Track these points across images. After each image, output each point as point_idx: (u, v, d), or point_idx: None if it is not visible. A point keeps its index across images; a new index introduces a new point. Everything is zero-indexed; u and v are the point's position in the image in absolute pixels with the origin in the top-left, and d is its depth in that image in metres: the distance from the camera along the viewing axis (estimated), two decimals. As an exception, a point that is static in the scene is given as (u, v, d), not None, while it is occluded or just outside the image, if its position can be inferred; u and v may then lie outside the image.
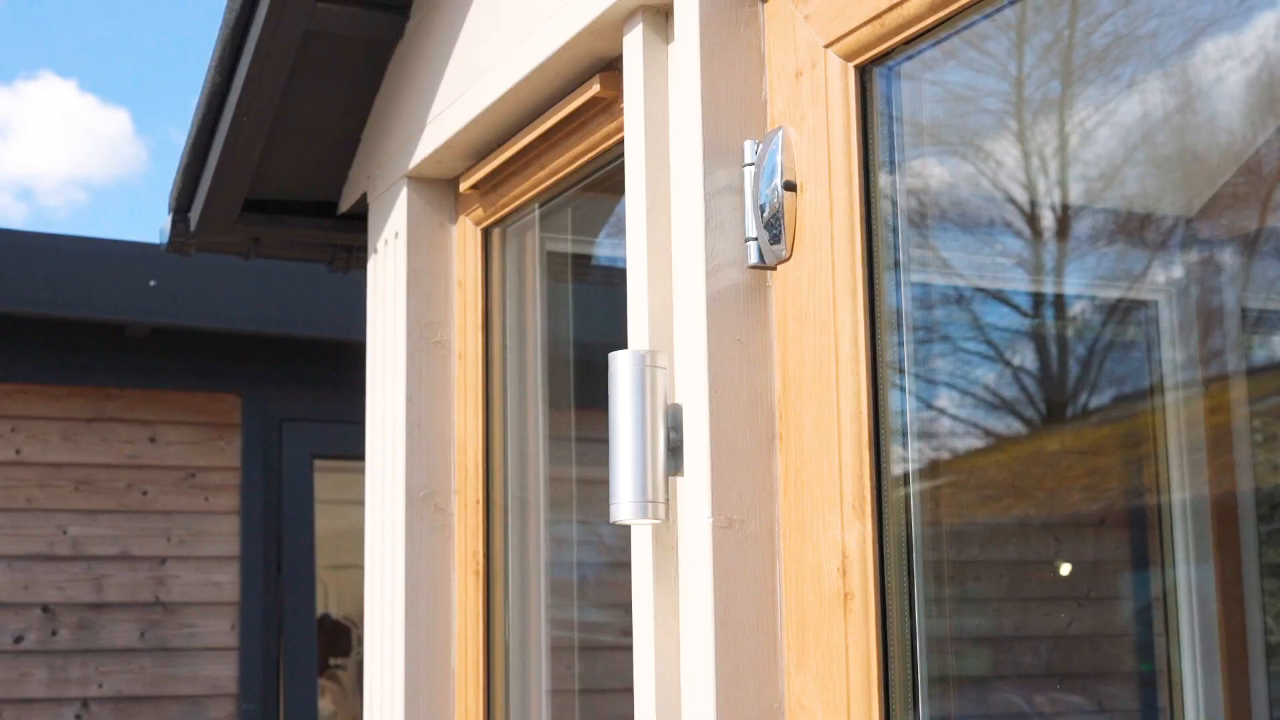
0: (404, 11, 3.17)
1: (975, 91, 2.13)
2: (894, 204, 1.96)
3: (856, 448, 1.88)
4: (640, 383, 2.09)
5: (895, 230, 1.95)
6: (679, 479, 2.08)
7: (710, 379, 2.02)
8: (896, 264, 1.95)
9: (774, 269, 2.04)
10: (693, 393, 2.04)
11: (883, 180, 1.95)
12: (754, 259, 2.05)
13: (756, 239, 2.05)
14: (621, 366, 2.11)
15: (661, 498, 2.08)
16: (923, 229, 2.09)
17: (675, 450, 2.08)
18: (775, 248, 2.02)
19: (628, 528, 2.19)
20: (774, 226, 2.01)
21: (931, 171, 2.12)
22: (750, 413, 2.03)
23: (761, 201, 2.03)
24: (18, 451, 6.73)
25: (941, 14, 1.82)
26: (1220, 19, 1.81)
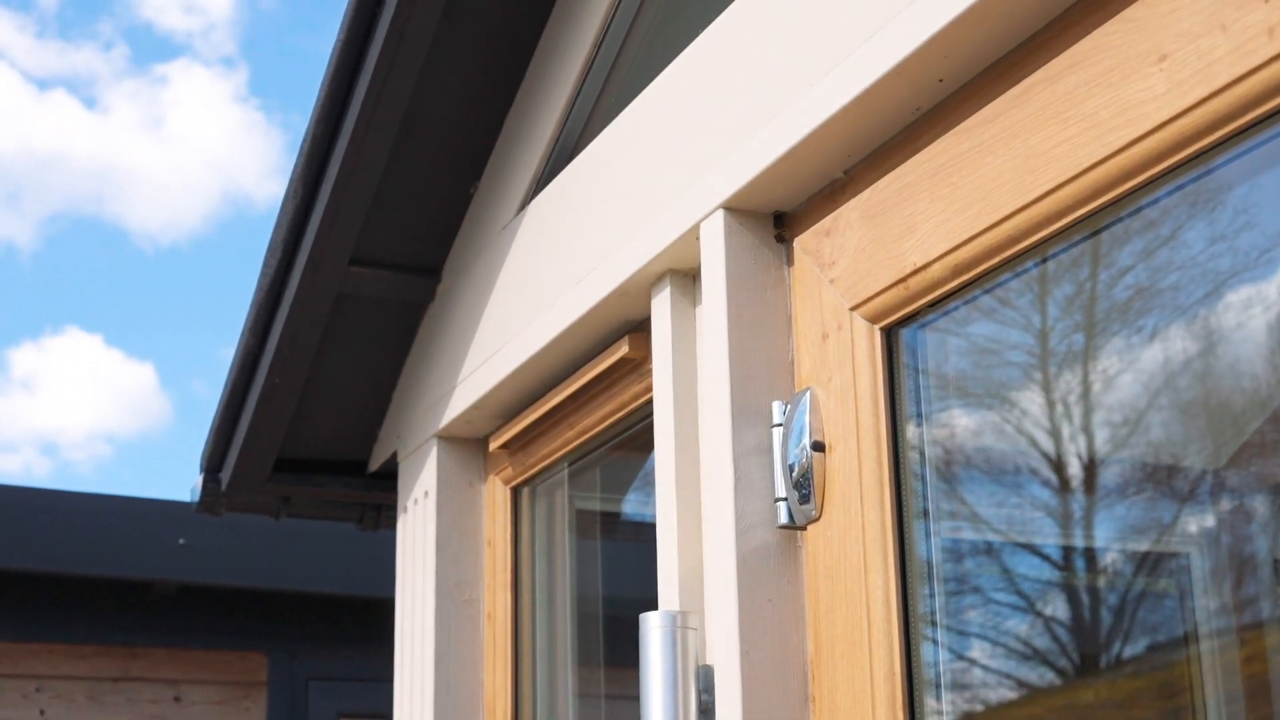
0: (435, 275, 3.23)
1: (999, 344, 2.15)
2: (922, 456, 1.97)
3: (890, 707, 1.86)
4: (671, 644, 2.09)
5: (924, 481, 1.96)
6: (712, 742, 2.06)
7: (742, 641, 2.01)
8: (926, 515, 1.95)
9: (804, 529, 2.05)
10: (724, 654, 2.03)
11: (910, 432, 1.97)
12: (784, 519, 2.05)
13: (786, 499, 2.05)
14: (652, 627, 2.10)
15: (694, 761, 2.05)
16: (951, 480, 2.10)
17: (707, 712, 2.06)
18: (805, 507, 2.02)
19: (661, 792, 2.16)
20: (803, 486, 2.02)
21: (958, 423, 2.14)
22: (782, 674, 2.02)
23: (790, 461, 2.04)
24: (42, 712, 6.67)
25: (965, 277, 1.85)
26: (1241, 270, 1.84)
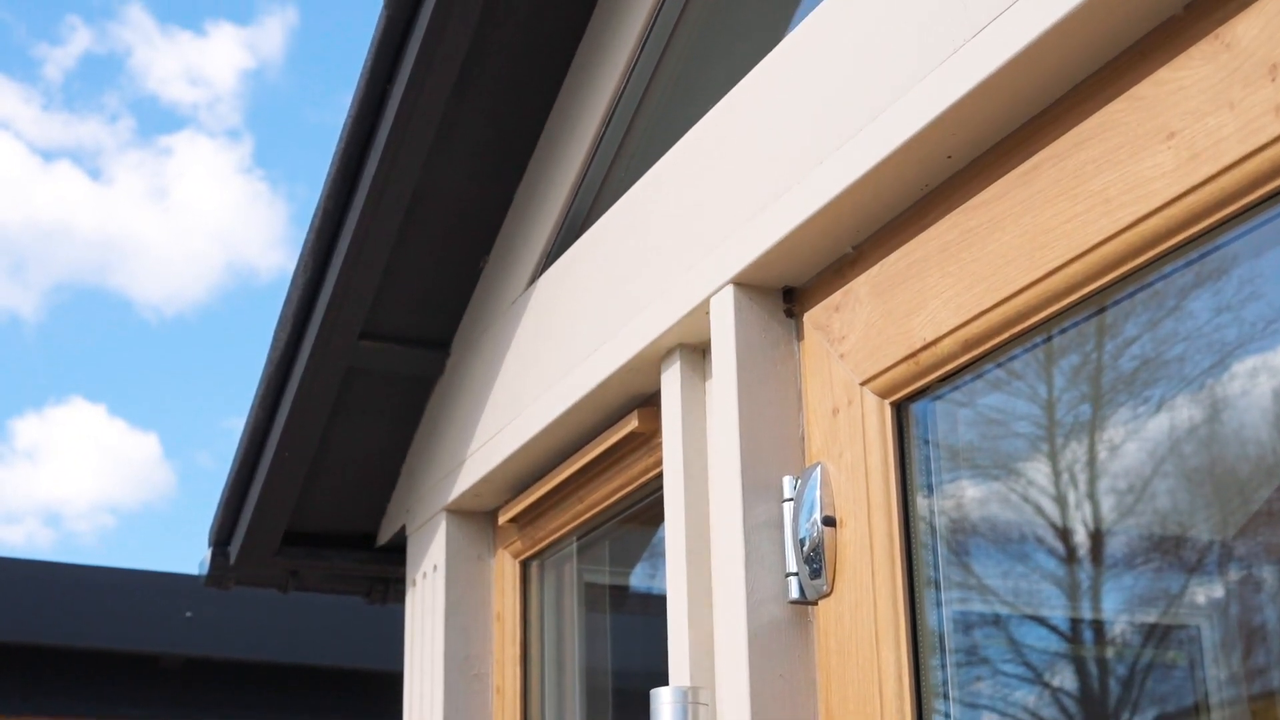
0: (444, 349, 3.24)
1: (1008, 415, 2.16)
2: (933, 529, 1.97)
3: (904, 784, 1.86)
4: (683, 719, 2.08)
5: (935, 554, 1.96)
6: (724, 818, 2.05)
7: (753, 716, 2.00)
8: (937, 589, 1.95)
9: (815, 604, 2.05)
10: (737, 730, 2.03)
11: (920, 505, 1.97)
12: (795, 594, 2.05)
13: (797, 573, 2.05)
14: (664, 703, 2.10)
15: (707, 838, 2.05)
16: (961, 553, 2.10)
17: (720, 788, 2.06)
18: (816, 582, 2.02)
19: None
20: (814, 561, 2.02)
21: (969, 495, 2.14)
22: (795, 750, 2.01)
23: (801, 536, 2.04)
24: (47, 786, 6.64)
25: (975, 352, 1.86)
26: (1247, 342, 1.84)
